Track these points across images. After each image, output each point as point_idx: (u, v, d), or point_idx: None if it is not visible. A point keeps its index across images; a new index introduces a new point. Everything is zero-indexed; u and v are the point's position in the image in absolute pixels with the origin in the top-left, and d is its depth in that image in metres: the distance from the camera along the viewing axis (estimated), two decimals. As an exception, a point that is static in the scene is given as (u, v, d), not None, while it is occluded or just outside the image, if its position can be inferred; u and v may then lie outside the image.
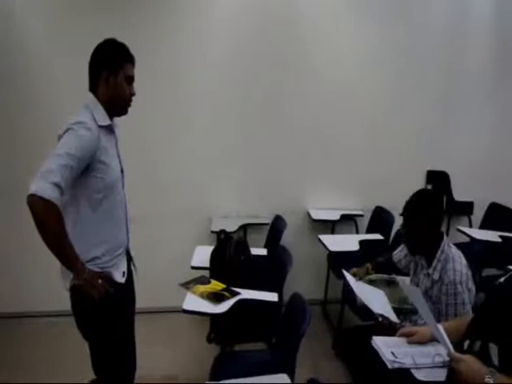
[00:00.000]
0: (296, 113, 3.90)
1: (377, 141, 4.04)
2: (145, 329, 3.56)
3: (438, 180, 4.20)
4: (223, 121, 3.80)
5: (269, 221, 3.80)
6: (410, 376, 1.66)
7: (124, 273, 2.05)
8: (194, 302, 2.33)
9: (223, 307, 2.29)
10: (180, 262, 3.17)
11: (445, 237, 2.24)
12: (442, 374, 1.62)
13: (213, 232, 3.50)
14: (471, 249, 3.68)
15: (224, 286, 2.51)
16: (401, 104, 4.04)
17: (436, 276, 2.18)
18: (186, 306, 2.28)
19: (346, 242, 3.39)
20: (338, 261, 3.56)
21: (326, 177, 4.04)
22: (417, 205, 2.24)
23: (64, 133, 1.78)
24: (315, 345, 2.17)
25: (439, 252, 2.19)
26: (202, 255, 2.93)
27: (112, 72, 1.93)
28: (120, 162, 2.03)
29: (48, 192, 1.64)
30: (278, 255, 2.95)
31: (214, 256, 2.76)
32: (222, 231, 2.95)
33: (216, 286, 2.51)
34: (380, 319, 2.16)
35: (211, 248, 2.89)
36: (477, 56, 4.15)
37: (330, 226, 3.96)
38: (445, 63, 4.10)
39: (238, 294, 2.42)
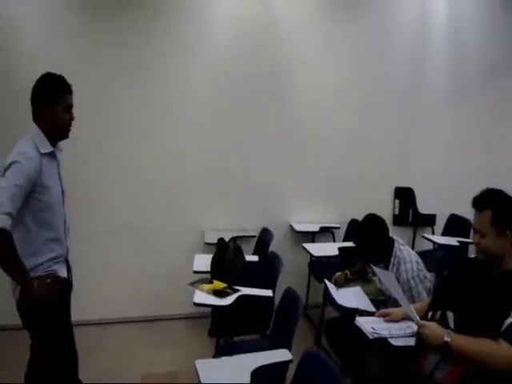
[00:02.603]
0: (278, 136, 4.32)
1: (351, 162, 4.54)
2: (148, 334, 3.88)
3: (405, 195, 4.77)
4: (212, 144, 4.15)
5: (255, 233, 4.18)
6: (387, 344, 2.09)
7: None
8: (203, 297, 2.70)
9: (228, 300, 2.67)
10: (181, 269, 3.54)
11: (395, 243, 2.74)
12: (411, 341, 2.06)
13: (206, 243, 3.89)
14: (435, 255, 4.20)
15: (225, 284, 2.89)
16: (370, 128, 4.56)
17: None
18: (197, 300, 2.65)
19: (327, 249, 3.84)
20: (319, 267, 4.00)
21: (306, 194, 4.47)
22: (366, 228, 2.77)
23: (9, 165, 2.02)
24: (298, 343, 2.51)
25: (392, 258, 2.69)
26: (202, 262, 3.31)
27: (52, 105, 2.17)
28: (61, 184, 2.26)
29: (2, 222, 1.93)
30: (269, 260, 3.35)
31: (215, 260, 3.14)
32: (221, 239, 3.32)
33: (218, 285, 2.89)
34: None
35: (208, 256, 3.28)
36: (435, 80, 4.73)
37: (311, 237, 4.38)
38: (408, 87, 4.65)
39: (239, 290, 2.82)
